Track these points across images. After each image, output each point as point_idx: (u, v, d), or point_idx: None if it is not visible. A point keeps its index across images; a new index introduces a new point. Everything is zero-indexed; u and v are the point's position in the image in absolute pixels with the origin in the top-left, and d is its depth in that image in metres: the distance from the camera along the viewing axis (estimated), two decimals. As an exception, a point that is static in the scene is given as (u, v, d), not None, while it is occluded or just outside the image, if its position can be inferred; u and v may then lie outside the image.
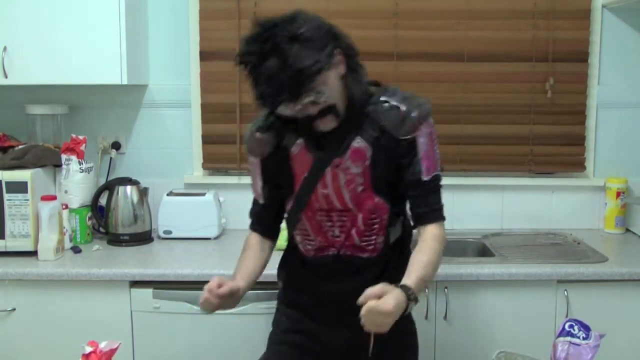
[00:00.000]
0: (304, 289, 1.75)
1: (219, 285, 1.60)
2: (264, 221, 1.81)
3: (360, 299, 1.38)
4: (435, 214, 1.63)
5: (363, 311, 1.36)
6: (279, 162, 1.67)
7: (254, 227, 1.83)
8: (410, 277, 1.49)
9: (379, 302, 1.36)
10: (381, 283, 1.42)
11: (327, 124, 1.54)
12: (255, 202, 1.82)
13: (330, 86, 1.49)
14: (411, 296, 1.44)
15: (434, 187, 1.63)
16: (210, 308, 1.61)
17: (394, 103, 1.58)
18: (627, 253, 2.57)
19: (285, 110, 1.49)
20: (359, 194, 1.61)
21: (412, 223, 1.69)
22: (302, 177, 1.64)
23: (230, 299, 1.63)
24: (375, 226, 1.64)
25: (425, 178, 1.60)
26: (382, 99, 1.59)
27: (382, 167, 1.60)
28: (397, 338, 1.68)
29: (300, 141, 1.63)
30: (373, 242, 1.65)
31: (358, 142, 1.58)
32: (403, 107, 1.57)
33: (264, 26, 1.45)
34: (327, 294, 1.69)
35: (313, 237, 1.67)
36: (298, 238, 1.72)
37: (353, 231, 1.64)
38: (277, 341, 1.81)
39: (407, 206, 1.70)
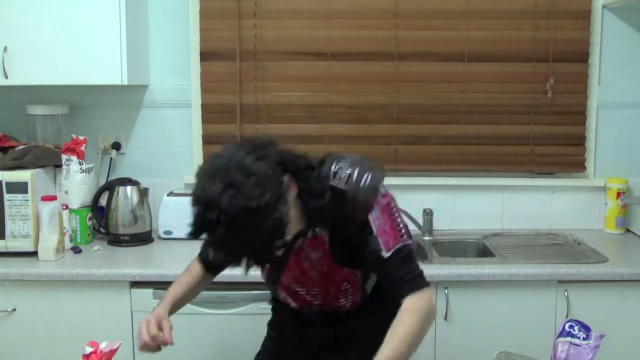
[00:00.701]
0: (290, 332, 1.73)
1: (159, 328, 1.57)
2: (212, 262, 1.73)
3: None
4: (407, 285, 1.46)
5: None
6: None
7: (202, 259, 1.74)
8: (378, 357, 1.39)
9: None
10: None
11: (298, 244, 1.51)
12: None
13: (291, 221, 1.37)
14: None
15: (401, 259, 1.47)
16: (152, 351, 1.59)
17: (340, 187, 1.44)
18: (628, 253, 2.57)
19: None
20: (326, 272, 1.56)
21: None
22: (267, 266, 1.61)
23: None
24: (349, 289, 1.60)
25: (386, 255, 1.45)
26: (331, 184, 1.44)
27: (341, 248, 1.52)
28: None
29: None
30: (350, 300, 1.62)
31: (315, 231, 1.51)
32: (349, 190, 1.43)
33: (208, 202, 1.28)
34: (312, 338, 1.68)
35: (291, 301, 1.65)
36: (280, 296, 1.68)
37: (328, 297, 1.61)
38: (267, 355, 1.81)
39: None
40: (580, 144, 2.82)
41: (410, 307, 1.43)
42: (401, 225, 1.49)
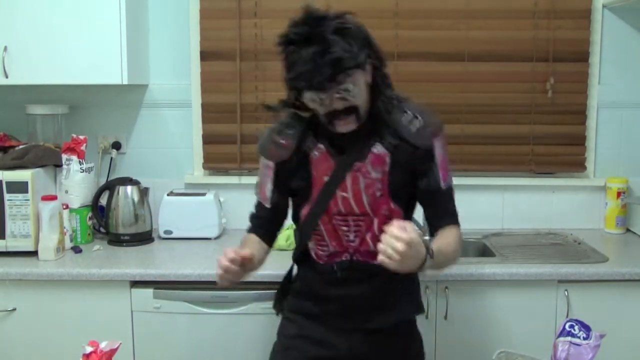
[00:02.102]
0: (313, 294, 1.75)
1: (236, 254, 1.55)
2: (264, 225, 1.80)
3: (386, 227, 1.37)
4: (453, 218, 1.69)
5: (382, 235, 1.35)
6: (297, 167, 1.67)
7: (254, 230, 1.81)
8: (432, 243, 1.52)
9: (401, 229, 1.34)
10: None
11: (347, 125, 1.58)
12: (258, 206, 1.80)
13: (359, 87, 1.54)
14: (430, 251, 1.44)
15: (449, 194, 1.68)
16: (232, 279, 1.56)
17: (413, 114, 1.63)
18: (628, 253, 2.57)
19: (311, 99, 1.52)
20: (377, 199, 1.63)
21: (429, 230, 1.71)
22: (322, 181, 1.65)
23: (242, 271, 1.58)
24: None
25: (442, 185, 1.65)
26: (402, 109, 1.64)
27: (399, 174, 1.64)
28: (403, 347, 1.68)
29: (321, 146, 1.65)
30: None
31: (377, 149, 1.63)
32: (421, 118, 1.63)
33: (313, 15, 1.51)
34: (337, 299, 1.70)
35: (327, 242, 1.68)
36: (311, 244, 1.71)
37: (368, 236, 1.65)
38: (284, 347, 1.80)
39: (423, 214, 1.74)
40: (581, 144, 2.82)
41: (455, 232, 1.66)
42: (450, 166, 1.68)
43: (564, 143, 2.81)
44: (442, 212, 1.68)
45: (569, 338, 1.43)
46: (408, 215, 1.71)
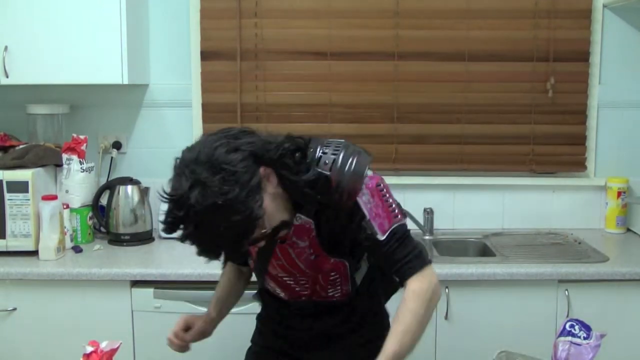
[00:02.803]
0: (278, 321, 1.72)
1: (187, 328, 1.64)
2: (240, 258, 1.74)
3: None
4: (409, 266, 1.45)
5: None
6: None
7: (227, 264, 1.78)
8: (385, 354, 1.39)
9: None
10: None
11: (283, 234, 1.46)
12: None
13: (269, 212, 1.35)
14: None
15: (397, 241, 1.46)
16: (177, 350, 1.65)
17: (325, 173, 1.39)
18: (628, 253, 2.57)
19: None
20: (314, 261, 1.54)
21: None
22: (255, 252, 1.58)
23: (202, 334, 1.67)
24: (338, 279, 1.59)
25: (382, 238, 1.44)
26: (316, 169, 1.40)
27: (329, 235, 1.50)
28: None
29: None
30: (339, 290, 1.61)
31: (299, 220, 1.47)
32: (334, 176, 1.39)
33: (176, 199, 1.31)
34: (302, 329, 1.67)
35: (280, 291, 1.64)
36: (268, 287, 1.67)
37: (317, 287, 1.60)
38: (256, 349, 1.80)
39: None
40: (581, 144, 2.82)
41: (413, 291, 1.43)
42: (394, 206, 1.47)
43: (564, 143, 2.81)
44: (394, 264, 1.46)
45: (569, 338, 1.42)
46: (356, 259, 1.58)
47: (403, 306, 1.42)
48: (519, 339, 2.18)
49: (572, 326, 1.44)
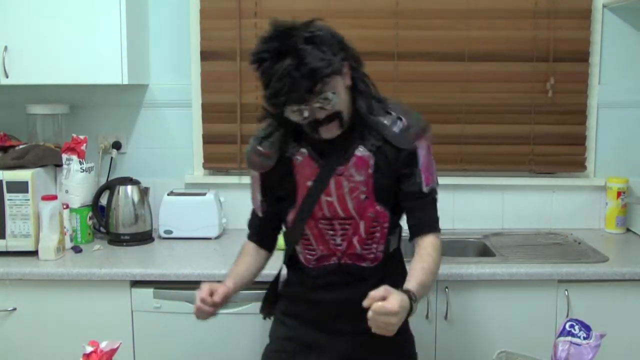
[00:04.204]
0: (303, 298, 1.75)
1: (211, 293, 1.64)
2: (262, 233, 1.83)
3: (365, 302, 1.38)
4: (433, 225, 1.67)
5: (370, 314, 1.36)
6: (281, 174, 1.68)
7: (252, 238, 1.84)
8: (410, 282, 1.51)
9: (385, 302, 1.36)
10: (382, 286, 1.41)
11: (331, 131, 1.56)
12: (254, 214, 1.83)
13: (338, 93, 1.52)
14: (413, 297, 1.45)
15: (432, 199, 1.68)
16: (205, 317, 1.66)
17: (396, 115, 1.61)
18: (628, 253, 2.57)
19: (292, 112, 1.51)
20: (362, 202, 1.62)
21: (409, 234, 1.70)
22: (306, 186, 1.64)
23: (227, 299, 1.68)
24: (377, 234, 1.65)
25: (425, 189, 1.64)
26: (384, 110, 1.62)
27: (384, 176, 1.62)
28: (395, 348, 1.68)
29: (303, 150, 1.64)
30: (374, 250, 1.66)
31: (361, 151, 1.61)
32: (405, 120, 1.61)
33: (282, 27, 1.49)
34: (327, 303, 1.70)
35: (315, 246, 1.67)
36: (299, 248, 1.71)
37: (355, 239, 1.65)
38: (273, 349, 1.81)
39: (404, 217, 1.72)
40: (581, 144, 2.82)
41: (434, 244, 1.64)
42: (435, 170, 1.69)
43: (564, 143, 2.81)
44: (423, 219, 1.66)
45: (569, 338, 1.43)
46: (395, 219, 1.70)
47: (423, 251, 1.61)
48: (519, 339, 2.18)
49: (572, 326, 1.44)
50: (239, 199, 2.38)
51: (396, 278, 1.61)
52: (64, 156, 2.55)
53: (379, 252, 1.67)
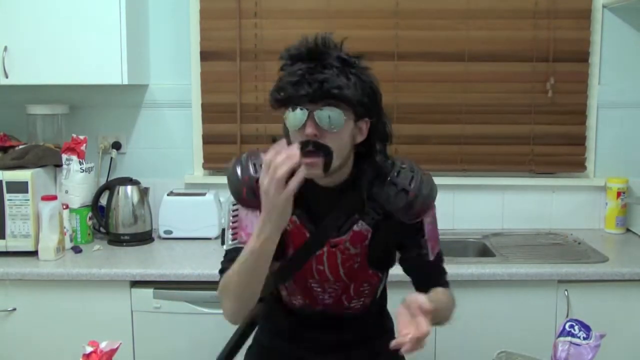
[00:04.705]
0: (284, 333, 1.67)
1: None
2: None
3: (393, 343, 1.23)
4: (442, 285, 1.60)
5: (407, 347, 1.22)
6: None
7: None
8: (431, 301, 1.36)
9: (417, 329, 1.23)
10: (400, 310, 1.29)
11: (313, 168, 1.36)
12: (232, 250, 1.56)
13: (342, 134, 1.38)
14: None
15: (440, 262, 1.63)
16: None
17: (402, 187, 1.47)
18: (628, 253, 2.57)
19: (290, 113, 1.39)
20: (355, 269, 1.55)
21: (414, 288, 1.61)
22: (296, 250, 1.52)
23: None
24: (367, 291, 1.60)
25: (432, 258, 1.58)
26: (388, 179, 1.47)
27: (380, 247, 1.53)
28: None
29: (294, 218, 1.47)
30: (361, 303, 1.61)
31: (359, 226, 1.50)
32: (411, 192, 1.47)
33: (327, 40, 1.47)
34: (308, 341, 1.64)
35: (300, 297, 1.61)
36: (283, 292, 1.63)
37: (343, 297, 1.59)
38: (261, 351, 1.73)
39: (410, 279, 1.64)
40: (581, 144, 2.82)
41: (448, 292, 1.58)
42: (439, 235, 1.63)
43: (564, 143, 2.81)
44: (432, 283, 1.55)
45: (569, 338, 1.42)
46: (387, 274, 1.64)
47: (441, 291, 1.54)
48: (519, 339, 2.17)
49: (571, 326, 1.44)
50: (239, 199, 2.38)
51: (380, 322, 1.65)
52: (64, 156, 2.55)
53: (367, 304, 1.62)
